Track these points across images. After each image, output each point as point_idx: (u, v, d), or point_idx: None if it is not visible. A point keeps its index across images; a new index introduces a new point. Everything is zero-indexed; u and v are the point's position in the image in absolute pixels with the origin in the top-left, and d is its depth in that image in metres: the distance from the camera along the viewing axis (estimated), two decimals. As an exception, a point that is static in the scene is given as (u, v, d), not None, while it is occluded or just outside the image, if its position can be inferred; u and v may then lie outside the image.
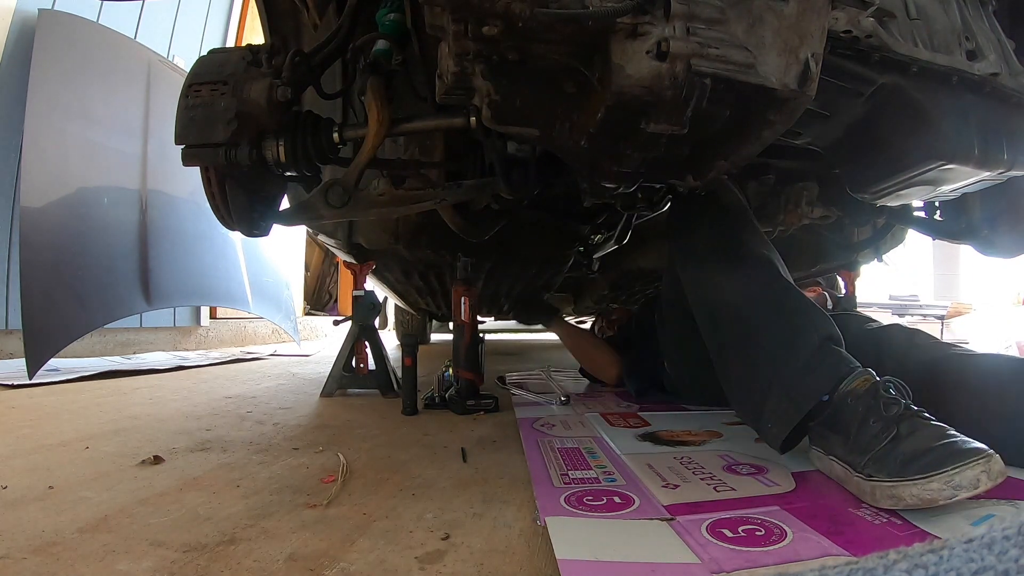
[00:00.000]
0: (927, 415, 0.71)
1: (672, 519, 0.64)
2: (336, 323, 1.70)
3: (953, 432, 0.67)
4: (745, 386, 0.89)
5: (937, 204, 1.37)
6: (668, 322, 1.34)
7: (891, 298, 4.48)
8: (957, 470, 0.61)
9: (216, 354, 2.98)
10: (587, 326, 2.10)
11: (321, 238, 1.70)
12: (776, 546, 0.56)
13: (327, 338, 4.74)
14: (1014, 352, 3.13)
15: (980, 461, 0.61)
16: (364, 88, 0.93)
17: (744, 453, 0.92)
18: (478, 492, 0.77)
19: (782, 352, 0.83)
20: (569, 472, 0.83)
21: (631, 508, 0.68)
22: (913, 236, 1.72)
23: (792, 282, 0.93)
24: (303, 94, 0.97)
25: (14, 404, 1.43)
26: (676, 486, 0.76)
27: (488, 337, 3.41)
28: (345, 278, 3.89)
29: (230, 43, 3.58)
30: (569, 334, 1.86)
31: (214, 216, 0.99)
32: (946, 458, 0.62)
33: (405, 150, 1.19)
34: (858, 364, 0.80)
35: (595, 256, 1.71)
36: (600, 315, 2.06)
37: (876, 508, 0.66)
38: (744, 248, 0.98)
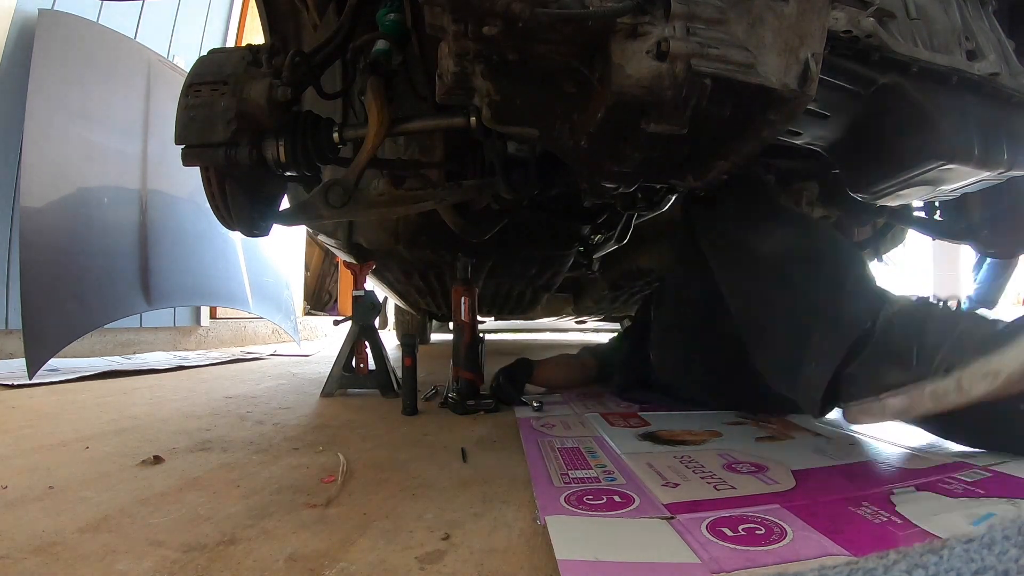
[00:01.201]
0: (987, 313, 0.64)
1: (672, 518, 0.64)
2: (336, 323, 1.70)
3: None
4: (782, 336, 0.82)
5: (937, 204, 1.37)
6: (665, 309, 1.33)
7: (891, 298, 4.48)
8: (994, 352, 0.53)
9: (216, 354, 2.98)
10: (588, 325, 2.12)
11: (321, 238, 1.70)
12: (776, 545, 0.56)
13: (327, 338, 4.74)
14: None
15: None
16: (364, 88, 0.93)
17: (744, 452, 0.91)
18: (478, 492, 0.77)
19: (826, 293, 0.77)
20: (569, 472, 0.83)
21: (631, 507, 0.68)
22: (913, 236, 1.72)
23: (832, 230, 0.91)
24: (303, 94, 0.97)
25: (14, 404, 1.43)
26: (676, 485, 0.76)
27: (488, 337, 3.41)
28: (345, 278, 3.90)
29: (230, 43, 3.58)
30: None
31: (214, 216, 0.99)
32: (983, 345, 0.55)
33: (405, 150, 1.19)
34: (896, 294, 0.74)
35: (595, 256, 1.71)
36: None
37: (877, 507, 0.66)
38: (778, 206, 0.95)
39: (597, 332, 4.57)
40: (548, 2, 0.57)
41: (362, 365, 1.62)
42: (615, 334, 1.91)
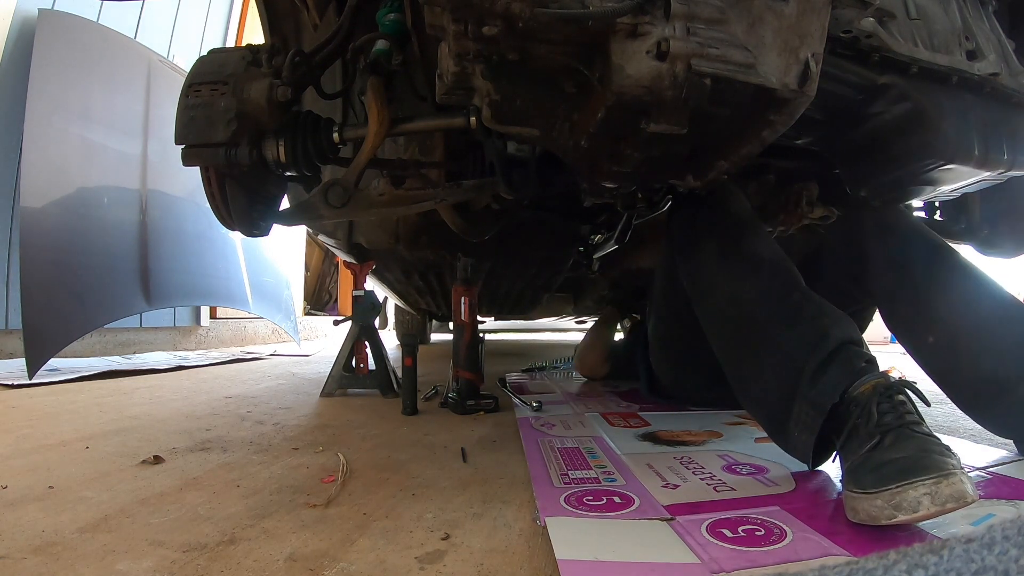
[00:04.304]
0: (924, 430, 0.62)
1: (672, 519, 0.64)
2: (336, 323, 1.70)
3: (938, 446, 0.59)
4: (769, 396, 0.82)
5: (937, 204, 1.37)
6: (657, 324, 1.34)
7: (891, 298, 4.47)
8: (901, 488, 0.54)
9: (216, 354, 2.98)
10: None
11: (321, 238, 1.70)
12: (776, 546, 0.56)
13: (327, 338, 4.74)
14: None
15: (928, 482, 0.53)
16: (364, 88, 0.93)
17: (744, 453, 0.92)
18: (478, 492, 0.77)
19: (803, 356, 0.76)
20: (569, 472, 0.83)
21: (631, 508, 0.68)
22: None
23: (807, 287, 0.88)
24: (303, 94, 0.97)
25: (14, 404, 1.43)
26: (676, 486, 0.76)
27: (488, 337, 3.41)
28: (345, 278, 3.89)
29: (230, 43, 3.58)
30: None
31: (214, 216, 0.99)
32: (900, 473, 0.55)
33: (405, 150, 1.19)
34: (876, 368, 0.72)
35: (595, 256, 1.71)
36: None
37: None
38: (758, 254, 0.93)
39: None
40: (548, 2, 0.57)
41: (362, 365, 1.62)
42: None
